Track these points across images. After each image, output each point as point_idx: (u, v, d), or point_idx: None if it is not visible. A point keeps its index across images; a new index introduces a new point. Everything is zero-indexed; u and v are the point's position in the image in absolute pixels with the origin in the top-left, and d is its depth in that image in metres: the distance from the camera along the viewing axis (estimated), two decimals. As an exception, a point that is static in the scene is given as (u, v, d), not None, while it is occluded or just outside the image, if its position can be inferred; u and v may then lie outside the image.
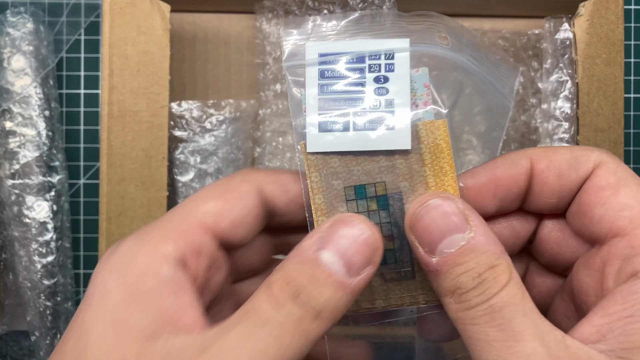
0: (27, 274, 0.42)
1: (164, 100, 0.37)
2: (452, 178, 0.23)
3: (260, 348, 0.18)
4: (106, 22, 0.37)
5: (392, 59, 0.23)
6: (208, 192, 0.23)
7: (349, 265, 0.20)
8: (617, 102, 0.37)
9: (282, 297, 0.19)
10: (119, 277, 0.20)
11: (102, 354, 0.19)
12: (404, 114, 0.23)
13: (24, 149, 0.42)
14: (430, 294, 0.24)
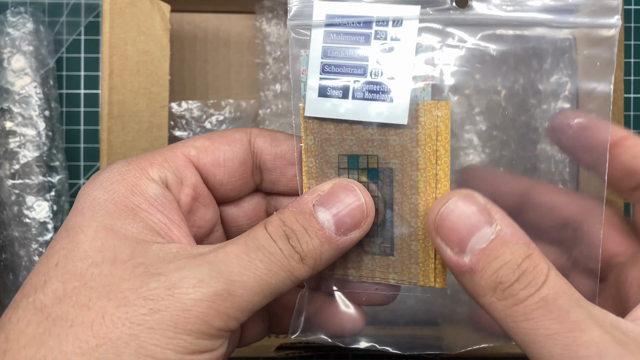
0: (27, 274, 0.42)
1: (164, 100, 0.37)
2: (445, 162, 0.22)
3: (252, 265, 0.20)
4: (106, 22, 0.37)
5: (399, 27, 0.22)
6: (201, 135, 0.24)
7: (340, 224, 0.21)
8: (617, 102, 0.37)
9: (276, 234, 0.21)
10: (109, 191, 0.21)
11: (92, 250, 0.19)
12: (405, 88, 0.22)
13: (24, 149, 0.42)
14: (403, 275, 0.24)
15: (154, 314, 0.18)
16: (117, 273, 0.19)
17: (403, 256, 0.23)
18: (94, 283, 0.19)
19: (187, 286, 0.19)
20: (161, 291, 0.18)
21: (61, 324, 0.18)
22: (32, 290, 0.19)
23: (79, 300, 0.18)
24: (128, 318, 0.18)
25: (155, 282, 0.19)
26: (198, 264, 0.19)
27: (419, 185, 0.23)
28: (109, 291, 0.18)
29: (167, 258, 0.20)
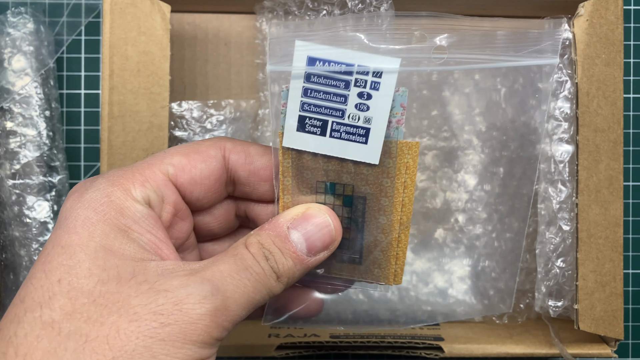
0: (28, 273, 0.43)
1: (164, 101, 0.37)
2: (411, 191, 0.26)
3: (242, 283, 0.22)
4: (106, 22, 0.37)
5: (379, 78, 0.24)
6: (177, 149, 0.25)
7: (310, 247, 0.25)
8: (617, 102, 0.37)
9: (258, 255, 0.23)
10: (99, 212, 0.22)
11: (96, 268, 0.20)
12: (379, 133, 0.25)
13: (24, 149, 0.42)
14: (367, 276, 0.28)
15: (165, 327, 0.20)
16: (124, 290, 0.20)
17: (368, 262, 0.27)
18: (102, 300, 0.20)
19: (193, 302, 0.20)
20: (170, 306, 0.20)
21: (75, 338, 0.19)
22: (37, 305, 0.20)
23: (90, 316, 0.19)
24: (141, 332, 0.19)
25: (163, 298, 0.20)
26: (200, 282, 0.21)
27: (386, 209, 0.26)
28: (119, 307, 0.20)
29: (167, 275, 0.21)
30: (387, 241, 0.27)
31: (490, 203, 0.42)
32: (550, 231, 0.39)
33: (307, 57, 0.24)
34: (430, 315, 0.43)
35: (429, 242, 0.43)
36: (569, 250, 0.39)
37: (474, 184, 0.43)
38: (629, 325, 0.47)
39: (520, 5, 0.42)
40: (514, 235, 0.44)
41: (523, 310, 0.43)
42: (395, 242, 0.27)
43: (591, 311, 0.37)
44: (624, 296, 0.42)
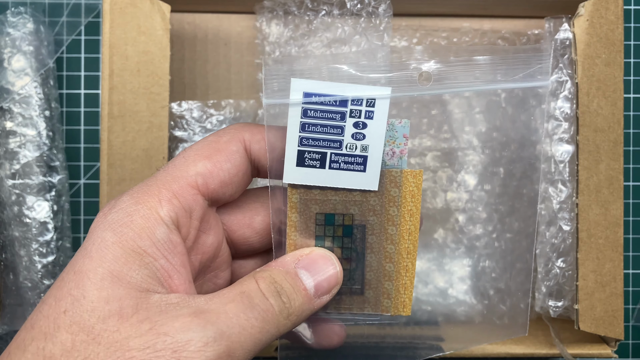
0: (28, 274, 0.43)
1: (164, 101, 0.37)
2: (416, 219, 0.27)
3: (248, 324, 0.21)
4: (106, 22, 0.37)
5: (372, 107, 0.25)
6: (197, 152, 0.24)
7: (318, 288, 0.24)
8: (617, 102, 0.37)
9: (268, 291, 0.22)
10: (117, 234, 0.21)
11: (99, 301, 0.20)
12: (376, 160, 0.25)
13: (24, 149, 0.42)
14: (374, 307, 0.28)
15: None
16: (124, 330, 0.20)
17: (377, 293, 0.27)
18: (101, 339, 0.19)
19: (193, 350, 0.19)
20: (168, 353, 0.19)
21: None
22: (42, 336, 0.20)
23: (87, 356, 0.19)
24: None
25: (162, 343, 0.19)
26: (203, 325, 0.20)
27: (394, 237, 0.27)
28: (116, 349, 0.19)
29: (170, 312, 0.20)
30: (396, 270, 0.27)
31: (491, 203, 0.42)
32: (550, 231, 0.39)
33: (303, 93, 0.25)
34: (430, 315, 0.43)
35: (429, 242, 0.43)
36: (569, 250, 0.39)
37: (474, 184, 0.43)
38: (629, 326, 0.47)
39: (521, 5, 0.42)
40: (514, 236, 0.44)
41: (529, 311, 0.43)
42: (403, 270, 0.27)
43: (591, 311, 0.37)
44: (624, 296, 0.42)
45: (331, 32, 0.41)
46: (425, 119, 0.42)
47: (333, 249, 0.27)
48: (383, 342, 0.39)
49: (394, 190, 0.26)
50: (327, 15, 0.41)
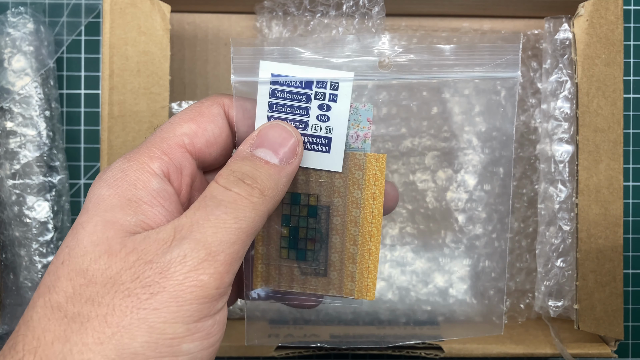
0: (28, 274, 0.43)
1: (164, 101, 0.37)
2: (379, 202, 0.27)
3: (220, 221, 0.22)
4: (106, 22, 0.37)
5: (336, 90, 0.26)
6: (182, 117, 0.26)
7: (279, 155, 0.25)
8: (617, 102, 0.37)
9: (229, 183, 0.23)
10: (112, 187, 0.23)
11: (90, 245, 0.21)
12: (340, 142, 0.26)
13: (24, 149, 0.42)
14: (338, 289, 0.28)
15: (155, 296, 0.20)
16: (114, 265, 0.21)
17: (341, 275, 0.28)
18: (97, 279, 0.21)
19: (175, 265, 0.21)
20: (155, 277, 0.21)
21: (79, 320, 0.20)
22: (46, 289, 0.21)
23: (88, 297, 0.21)
24: (134, 306, 0.20)
25: (149, 270, 0.21)
26: (178, 242, 0.21)
27: (357, 219, 0.27)
28: (112, 284, 0.21)
29: (151, 238, 0.21)
30: (359, 253, 0.27)
31: (490, 203, 0.42)
32: (550, 231, 0.39)
33: (270, 75, 0.26)
34: (430, 315, 0.43)
35: (429, 242, 0.43)
36: (569, 250, 0.39)
37: (473, 184, 0.43)
38: (628, 325, 0.47)
39: (521, 5, 0.42)
40: (514, 236, 0.44)
41: (523, 310, 0.43)
42: (367, 253, 0.27)
43: (591, 311, 0.37)
44: (624, 296, 0.42)
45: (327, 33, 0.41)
46: (426, 121, 0.43)
47: (298, 229, 0.28)
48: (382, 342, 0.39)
49: (358, 172, 0.27)
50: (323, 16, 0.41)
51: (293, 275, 0.28)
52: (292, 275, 0.28)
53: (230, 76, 0.26)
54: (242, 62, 0.26)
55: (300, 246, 0.28)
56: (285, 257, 0.28)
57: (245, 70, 0.26)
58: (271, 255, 0.28)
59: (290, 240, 0.28)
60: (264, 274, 0.28)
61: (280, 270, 0.28)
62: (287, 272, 0.28)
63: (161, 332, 0.20)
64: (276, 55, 0.26)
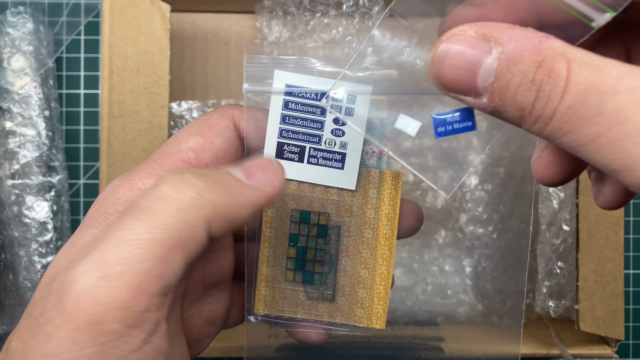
0: (27, 274, 0.42)
1: (164, 100, 0.37)
2: (394, 223, 0.25)
3: (124, 234, 0.18)
4: (106, 22, 0.37)
5: (352, 104, 0.24)
6: (189, 130, 0.24)
7: (249, 173, 0.22)
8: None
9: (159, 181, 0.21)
10: (97, 205, 0.22)
11: (60, 261, 0.20)
12: (355, 158, 0.25)
13: (23, 149, 0.42)
14: (347, 317, 0.26)
15: (51, 339, 0.17)
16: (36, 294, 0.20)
17: (350, 301, 0.26)
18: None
19: (67, 293, 0.17)
20: (53, 309, 0.18)
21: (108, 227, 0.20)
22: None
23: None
24: (35, 348, 0.17)
25: (52, 301, 0.18)
26: (76, 262, 0.18)
27: (370, 241, 0.26)
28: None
29: (69, 259, 0.20)
30: (370, 277, 0.26)
31: (491, 203, 0.42)
32: (550, 231, 0.39)
33: (285, 84, 0.25)
34: (430, 316, 0.43)
35: (429, 242, 0.43)
36: (569, 250, 0.39)
37: (474, 184, 0.43)
38: (629, 326, 0.47)
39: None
40: (514, 236, 0.44)
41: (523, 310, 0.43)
42: (378, 278, 0.26)
43: (592, 311, 0.37)
44: (625, 296, 0.42)
45: (327, 33, 0.41)
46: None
47: (307, 249, 0.26)
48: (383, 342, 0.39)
49: (372, 191, 0.26)
50: (323, 15, 0.41)
51: (298, 300, 0.26)
52: (297, 300, 0.26)
53: (243, 85, 0.25)
54: (255, 71, 0.25)
55: (307, 268, 0.26)
56: (291, 279, 0.26)
57: (258, 80, 0.25)
58: (276, 278, 0.26)
59: (297, 261, 0.26)
60: (267, 298, 0.26)
61: (285, 294, 0.26)
62: (292, 297, 0.26)
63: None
64: (291, 65, 0.25)
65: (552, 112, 0.16)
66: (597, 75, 0.16)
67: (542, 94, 0.16)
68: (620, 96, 0.15)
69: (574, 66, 0.16)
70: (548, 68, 0.16)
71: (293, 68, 0.25)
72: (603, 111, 0.15)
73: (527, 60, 0.17)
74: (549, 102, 0.16)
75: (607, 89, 0.15)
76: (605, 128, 0.15)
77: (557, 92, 0.16)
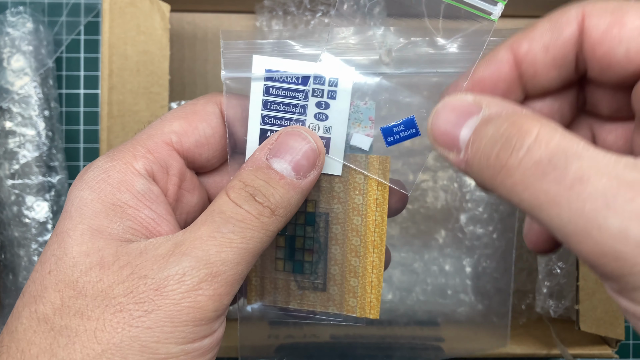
0: (27, 274, 0.42)
1: (164, 100, 0.37)
2: (383, 209, 0.25)
3: (226, 241, 0.20)
4: (106, 22, 0.37)
5: (335, 87, 0.24)
6: (174, 114, 0.24)
7: (298, 168, 0.22)
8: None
9: (240, 198, 0.21)
10: (95, 190, 0.21)
11: (80, 255, 0.20)
12: (339, 142, 0.24)
13: (23, 149, 0.42)
14: (339, 306, 0.26)
15: (149, 314, 0.19)
16: (106, 279, 0.20)
17: (342, 290, 0.25)
18: (87, 291, 0.20)
19: (173, 283, 0.19)
20: (150, 293, 0.19)
21: (67, 333, 0.19)
22: (32, 299, 0.20)
23: (77, 310, 0.19)
24: (126, 322, 0.19)
25: (143, 285, 0.20)
26: (177, 260, 0.20)
27: (359, 228, 0.25)
28: (103, 298, 0.20)
29: (149, 253, 0.20)
30: (361, 265, 0.25)
31: (491, 203, 0.42)
32: (550, 231, 0.39)
33: (265, 70, 0.24)
34: (430, 316, 0.43)
35: (429, 242, 0.43)
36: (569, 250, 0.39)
37: (474, 184, 0.43)
38: (629, 326, 0.47)
39: (521, 5, 0.42)
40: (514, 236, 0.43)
41: (524, 310, 0.43)
42: (370, 266, 0.25)
43: (592, 312, 0.37)
44: (625, 296, 0.42)
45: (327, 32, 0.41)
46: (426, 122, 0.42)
47: (295, 238, 0.25)
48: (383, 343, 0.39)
49: (359, 176, 0.25)
50: (324, 15, 0.41)
51: (289, 289, 0.26)
52: (289, 290, 0.26)
53: (221, 72, 0.24)
54: (233, 57, 0.24)
55: (297, 257, 0.26)
56: (281, 269, 0.26)
57: (237, 66, 0.24)
58: (266, 267, 0.26)
59: (286, 250, 0.26)
60: (258, 288, 0.26)
61: (276, 284, 0.26)
62: (284, 286, 0.26)
63: (154, 352, 0.19)
64: (270, 49, 0.24)
65: (516, 164, 0.17)
66: (566, 140, 0.17)
67: (508, 144, 0.17)
68: (584, 161, 0.16)
69: (546, 129, 0.17)
70: (519, 125, 0.18)
71: (272, 52, 0.24)
72: (567, 171, 0.16)
73: (502, 118, 0.18)
74: (513, 153, 0.17)
75: (573, 152, 0.16)
76: (566, 187, 0.16)
77: (524, 144, 0.17)
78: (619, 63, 0.20)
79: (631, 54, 0.19)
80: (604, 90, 0.22)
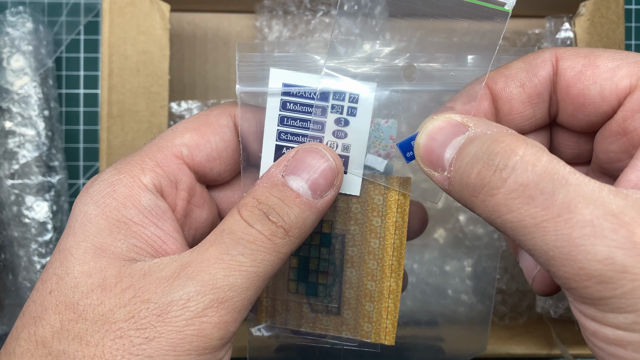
0: (27, 274, 0.42)
1: (164, 100, 0.37)
2: (402, 232, 0.24)
3: (235, 264, 0.19)
4: (106, 22, 0.37)
5: (355, 103, 0.23)
6: (186, 125, 0.23)
7: (315, 187, 0.21)
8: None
9: (252, 217, 0.20)
10: (99, 205, 0.20)
11: (82, 276, 0.19)
12: (358, 161, 0.23)
13: (23, 148, 0.42)
14: (356, 332, 0.25)
15: (150, 342, 0.18)
16: (107, 301, 0.19)
17: (357, 315, 0.24)
18: (87, 315, 0.19)
19: (176, 309, 0.18)
20: (152, 319, 0.18)
21: (64, 358, 0.18)
22: (32, 321, 0.19)
23: (77, 334, 0.19)
24: (126, 349, 0.18)
25: (145, 310, 0.19)
26: (182, 284, 0.19)
27: (377, 251, 0.24)
28: (103, 323, 0.19)
29: (153, 275, 0.19)
30: (377, 290, 0.24)
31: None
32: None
33: (282, 84, 0.23)
34: (430, 316, 0.43)
35: (429, 242, 0.43)
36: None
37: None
38: (630, 326, 0.47)
39: (521, 4, 0.42)
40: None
41: (524, 311, 0.43)
42: (386, 291, 0.24)
43: (592, 312, 0.37)
44: (625, 296, 0.42)
45: (328, 32, 0.41)
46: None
47: (309, 259, 0.24)
48: (383, 343, 0.39)
49: (378, 197, 0.23)
50: (325, 15, 0.41)
51: (302, 312, 0.25)
52: (301, 313, 0.25)
53: (235, 86, 0.23)
54: (248, 70, 0.23)
55: (310, 279, 0.24)
56: (294, 291, 0.25)
57: (252, 79, 0.23)
58: (278, 288, 0.25)
59: (299, 272, 0.24)
60: (269, 309, 0.25)
61: (288, 305, 0.25)
62: (296, 309, 0.25)
63: None
64: (288, 62, 0.23)
65: (499, 184, 0.17)
66: (553, 164, 0.17)
67: (490, 162, 0.17)
68: (571, 187, 0.16)
69: (532, 150, 0.17)
70: (503, 144, 0.18)
71: (290, 65, 0.23)
72: (555, 198, 0.16)
73: (486, 136, 0.18)
74: (496, 173, 0.17)
75: (560, 177, 0.17)
76: (554, 214, 0.16)
77: (508, 164, 0.17)
78: (593, 102, 0.20)
79: (605, 93, 0.20)
80: (569, 135, 0.23)
